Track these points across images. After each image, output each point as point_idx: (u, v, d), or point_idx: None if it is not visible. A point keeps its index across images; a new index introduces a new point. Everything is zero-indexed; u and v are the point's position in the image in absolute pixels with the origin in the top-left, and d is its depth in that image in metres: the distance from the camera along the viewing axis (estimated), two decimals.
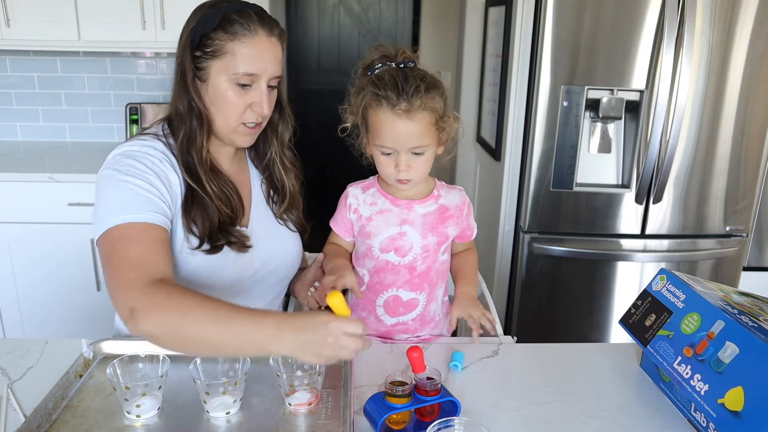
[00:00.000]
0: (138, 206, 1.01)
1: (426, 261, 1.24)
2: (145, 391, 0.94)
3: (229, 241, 1.15)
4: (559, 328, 2.28)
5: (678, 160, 2.08)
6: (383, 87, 1.10)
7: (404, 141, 1.12)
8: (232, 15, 1.08)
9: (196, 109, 1.11)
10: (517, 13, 2.10)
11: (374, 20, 4.18)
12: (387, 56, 1.15)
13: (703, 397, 0.90)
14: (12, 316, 2.37)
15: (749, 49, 1.99)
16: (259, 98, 1.11)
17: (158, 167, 1.09)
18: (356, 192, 1.26)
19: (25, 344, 1.15)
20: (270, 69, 1.11)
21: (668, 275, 1.08)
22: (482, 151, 2.67)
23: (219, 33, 1.08)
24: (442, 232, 1.25)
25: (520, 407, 1.01)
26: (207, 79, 1.10)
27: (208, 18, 1.08)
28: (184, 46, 1.11)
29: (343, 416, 0.95)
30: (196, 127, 1.12)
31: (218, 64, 1.09)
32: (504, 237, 2.31)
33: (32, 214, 2.25)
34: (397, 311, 1.26)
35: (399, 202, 1.23)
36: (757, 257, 2.32)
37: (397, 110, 1.10)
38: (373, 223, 1.23)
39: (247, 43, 1.08)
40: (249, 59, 1.08)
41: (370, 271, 1.26)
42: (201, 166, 1.13)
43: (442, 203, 1.25)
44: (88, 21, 2.33)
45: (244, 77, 1.09)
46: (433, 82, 1.14)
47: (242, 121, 1.13)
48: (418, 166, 1.16)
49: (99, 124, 2.79)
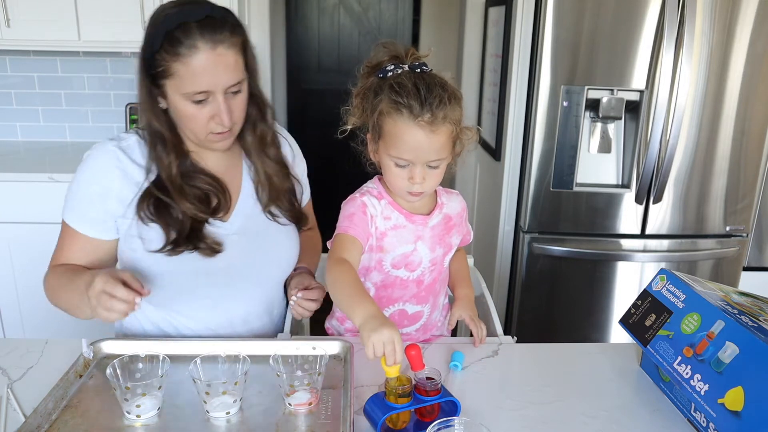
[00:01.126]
0: (78, 213, 1.18)
1: (433, 273, 1.22)
2: (145, 391, 0.94)
3: (197, 246, 1.15)
4: (559, 328, 2.28)
5: (678, 160, 2.08)
6: (405, 95, 1.03)
7: (424, 154, 1.06)
8: (174, 32, 1.03)
9: (157, 131, 1.13)
10: (517, 13, 2.10)
11: (374, 20, 4.18)
12: (397, 57, 1.09)
13: (703, 397, 0.90)
14: (12, 316, 2.37)
15: (749, 49, 1.99)
16: (217, 111, 1.09)
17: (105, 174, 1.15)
18: (373, 201, 1.16)
19: (25, 344, 1.15)
20: (222, 81, 1.06)
21: (668, 275, 1.08)
22: (482, 151, 2.67)
23: (163, 54, 1.04)
24: (448, 243, 1.23)
25: (520, 407, 1.01)
26: (166, 96, 1.10)
27: (153, 37, 1.05)
28: (140, 67, 1.10)
29: (343, 416, 0.95)
30: (160, 150, 1.14)
31: (170, 83, 1.07)
32: (504, 237, 2.31)
33: (32, 214, 2.25)
34: (401, 324, 1.24)
35: (414, 218, 1.17)
36: (757, 257, 2.32)
37: (420, 121, 1.03)
38: (388, 239, 1.16)
39: (189, 62, 1.03)
40: (195, 78, 1.04)
41: (376, 285, 1.21)
42: (170, 183, 1.14)
43: (445, 212, 1.22)
44: (88, 21, 2.33)
45: (196, 95, 1.06)
46: (454, 92, 1.08)
47: (209, 131, 1.12)
48: (432, 179, 1.10)
49: (99, 124, 2.79)
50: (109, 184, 1.14)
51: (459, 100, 1.09)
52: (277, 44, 3.77)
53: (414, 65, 1.08)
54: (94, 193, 1.15)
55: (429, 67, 1.11)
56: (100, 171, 1.15)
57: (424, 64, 1.10)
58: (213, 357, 1.00)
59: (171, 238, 1.13)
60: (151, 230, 1.14)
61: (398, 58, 1.09)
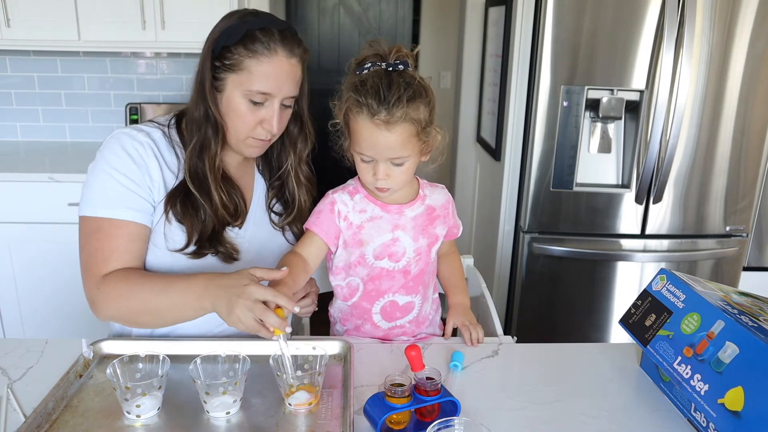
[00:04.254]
0: (117, 202, 1.09)
1: (419, 264, 1.23)
2: (145, 391, 0.93)
3: (218, 250, 1.16)
4: (559, 328, 2.28)
5: (678, 160, 2.08)
6: (364, 93, 1.06)
7: (382, 151, 1.08)
8: (256, 32, 1.08)
9: (212, 117, 1.12)
10: (517, 13, 2.10)
11: (374, 20, 4.18)
12: (380, 55, 1.10)
13: (703, 397, 0.90)
14: (12, 316, 2.37)
15: (749, 49, 1.99)
16: (270, 116, 1.12)
17: (143, 160, 1.11)
18: (344, 198, 1.20)
19: (25, 344, 1.15)
20: (285, 89, 1.11)
21: (668, 275, 1.08)
22: (482, 151, 2.67)
23: (239, 48, 1.08)
24: (432, 233, 1.24)
25: (520, 407, 1.01)
26: (223, 90, 1.11)
27: (232, 30, 1.09)
28: (206, 54, 1.11)
29: (343, 416, 0.95)
30: (211, 136, 1.13)
31: (235, 78, 1.09)
32: (504, 237, 2.31)
33: (32, 214, 2.25)
34: (393, 316, 1.26)
35: (389, 207, 1.20)
36: (757, 257, 2.32)
37: (377, 120, 1.05)
38: (365, 230, 1.19)
39: (264, 62, 1.08)
40: (264, 78, 1.09)
41: (364, 279, 1.23)
42: (212, 173, 1.14)
43: (428, 204, 1.24)
44: (88, 21, 2.33)
45: (257, 95, 1.10)
46: (420, 90, 1.08)
47: (251, 135, 1.14)
48: (398, 176, 1.12)
49: (99, 124, 2.79)
50: (152, 165, 1.11)
51: (424, 98, 1.09)
52: None
53: (394, 63, 1.10)
54: (137, 175, 1.10)
55: (410, 65, 1.11)
56: (139, 155, 1.11)
57: (405, 62, 1.10)
58: (213, 357, 1.00)
59: (194, 240, 1.13)
60: (172, 229, 1.13)
61: (381, 55, 1.11)
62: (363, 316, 1.25)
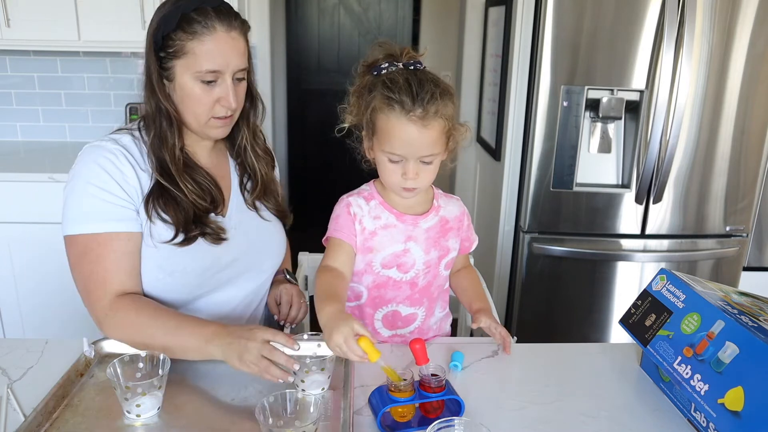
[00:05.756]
0: (97, 215, 1.10)
1: (427, 276, 1.22)
2: (145, 390, 0.94)
3: (204, 232, 1.16)
4: (559, 328, 2.28)
5: (678, 160, 2.08)
6: (397, 90, 1.05)
7: (416, 149, 1.07)
8: (191, 13, 1.08)
9: (164, 110, 1.13)
10: (517, 13, 2.10)
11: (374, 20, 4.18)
12: (392, 55, 1.11)
13: (703, 397, 0.90)
14: (12, 316, 2.37)
15: (749, 49, 1.99)
16: (225, 93, 1.12)
17: (117, 168, 1.12)
18: (359, 202, 1.18)
19: (25, 344, 1.15)
20: (233, 63, 1.11)
21: (668, 275, 1.08)
22: (482, 151, 2.67)
23: (179, 33, 1.08)
24: (444, 246, 1.22)
25: (521, 407, 1.01)
26: (173, 78, 1.12)
27: (168, 18, 1.09)
28: (149, 48, 1.13)
29: (344, 416, 0.95)
30: (165, 128, 1.14)
31: (181, 63, 1.10)
32: (504, 237, 2.31)
33: (32, 214, 2.25)
34: (395, 325, 1.25)
35: (405, 218, 1.18)
36: (757, 257, 2.32)
37: (412, 116, 1.05)
38: (378, 238, 1.17)
39: (206, 41, 1.08)
40: (210, 56, 1.09)
41: (368, 287, 1.21)
42: (174, 165, 1.14)
43: (442, 215, 1.22)
44: (88, 21, 2.33)
45: (207, 74, 1.10)
46: (447, 88, 1.09)
47: (212, 116, 1.14)
48: (426, 175, 1.11)
49: (99, 124, 2.79)
50: (123, 173, 1.12)
51: (452, 96, 1.10)
52: (277, 44, 3.77)
53: (408, 63, 1.10)
54: (113, 185, 1.11)
55: (423, 65, 1.12)
56: (109, 164, 1.12)
57: (419, 62, 1.12)
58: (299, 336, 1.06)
59: (180, 225, 1.14)
60: (158, 227, 1.14)
61: (393, 56, 1.11)
62: (364, 319, 1.24)
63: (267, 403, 0.89)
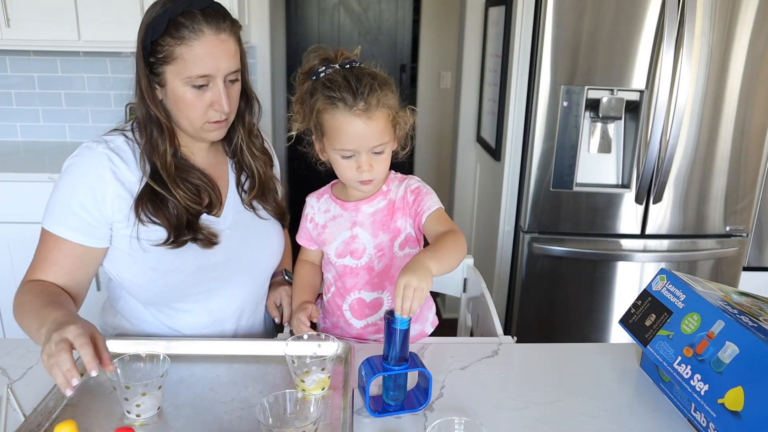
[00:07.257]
0: (63, 220, 1.13)
1: (383, 259, 1.22)
2: (145, 390, 0.93)
3: (196, 237, 1.16)
4: (559, 328, 2.28)
5: (678, 160, 2.08)
6: (337, 89, 1.08)
7: (365, 141, 1.10)
8: (178, 18, 1.07)
9: (154, 117, 1.13)
10: (517, 13, 2.10)
11: (374, 20, 4.18)
12: (328, 59, 1.13)
13: (703, 397, 0.90)
14: (12, 317, 2.37)
15: (749, 49, 1.99)
16: (217, 97, 1.11)
17: (101, 182, 1.12)
18: (312, 201, 1.27)
19: (25, 344, 1.15)
20: (223, 66, 1.10)
21: (668, 275, 1.08)
22: (482, 151, 2.67)
23: (167, 38, 1.07)
24: (393, 228, 1.22)
25: (520, 407, 1.01)
26: (165, 83, 1.11)
27: (156, 23, 1.08)
28: (138, 54, 1.12)
29: (344, 416, 0.95)
30: (156, 136, 1.14)
31: (172, 68, 1.09)
32: (504, 237, 2.32)
33: (32, 214, 2.24)
34: (363, 313, 1.25)
35: (347, 205, 1.22)
36: (757, 257, 2.32)
37: (356, 110, 1.07)
38: (328, 230, 1.23)
39: (194, 45, 1.07)
40: (199, 61, 1.08)
41: (334, 278, 1.26)
42: (165, 171, 1.14)
43: (390, 198, 1.22)
44: (88, 21, 2.33)
45: (197, 79, 1.09)
46: (384, 79, 1.12)
47: (206, 120, 1.14)
48: (379, 165, 1.14)
49: (99, 124, 2.79)
50: (104, 187, 1.13)
51: (390, 86, 1.13)
52: (277, 44, 3.77)
53: (344, 63, 1.13)
54: (87, 197, 1.12)
55: (359, 62, 1.15)
56: (93, 174, 1.13)
57: (354, 60, 1.14)
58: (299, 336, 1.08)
59: (171, 230, 1.14)
60: (149, 230, 1.14)
61: (329, 59, 1.13)
62: (336, 313, 1.26)
63: (267, 403, 0.89)
